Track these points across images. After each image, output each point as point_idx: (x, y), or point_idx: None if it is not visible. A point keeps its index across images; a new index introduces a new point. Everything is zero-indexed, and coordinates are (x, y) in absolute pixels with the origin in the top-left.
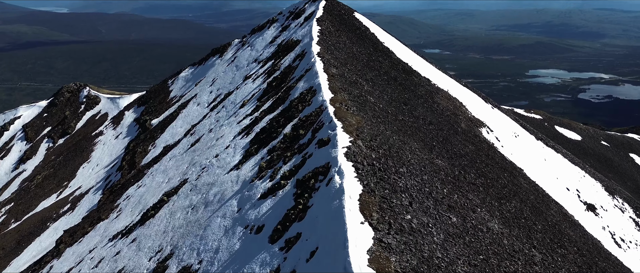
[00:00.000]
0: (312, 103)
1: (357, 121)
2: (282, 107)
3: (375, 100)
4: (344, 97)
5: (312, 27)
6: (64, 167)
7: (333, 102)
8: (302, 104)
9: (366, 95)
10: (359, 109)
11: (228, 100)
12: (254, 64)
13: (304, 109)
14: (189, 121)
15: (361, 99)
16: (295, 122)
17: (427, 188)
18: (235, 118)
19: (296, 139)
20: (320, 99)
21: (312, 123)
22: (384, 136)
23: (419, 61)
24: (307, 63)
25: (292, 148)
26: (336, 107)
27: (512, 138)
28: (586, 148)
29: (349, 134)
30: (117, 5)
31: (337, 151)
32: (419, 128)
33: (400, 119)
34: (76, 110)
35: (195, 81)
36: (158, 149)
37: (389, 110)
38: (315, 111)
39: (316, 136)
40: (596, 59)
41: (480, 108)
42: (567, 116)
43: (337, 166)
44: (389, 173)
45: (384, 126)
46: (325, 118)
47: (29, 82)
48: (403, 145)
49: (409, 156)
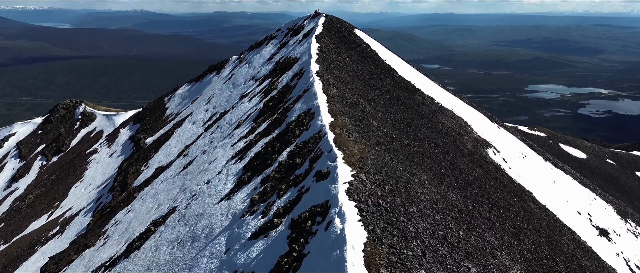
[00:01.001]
0: (311, 127)
1: (359, 150)
2: (278, 130)
3: (378, 123)
4: (345, 121)
5: (311, 44)
6: (56, 186)
7: (333, 127)
8: (299, 128)
9: (369, 118)
10: (361, 135)
11: (223, 120)
12: (251, 82)
13: (302, 134)
14: (183, 141)
15: (363, 123)
16: (292, 148)
17: (441, 231)
18: (229, 139)
19: (292, 169)
20: (319, 123)
21: (310, 151)
22: (390, 168)
23: (421, 79)
24: (306, 83)
25: (288, 179)
26: (336, 133)
27: (519, 158)
28: (592, 166)
29: (351, 167)
30: (119, 21)
31: (338, 188)
32: (425, 152)
33: (406, 144)
34: (71, 127)
35: (192, 98)
36: (150, 171)
37: (394, 134)
38: (313, 137)
39: (314, 166)
40: (595, 74)
41: (485, 127)
42: (567, 131)
43: (338, 206)
44: (398, 214)
45: (390, 154)
46: (325, 146)
47: (30, 97)
48: (411, 177)
49: (418, 191)
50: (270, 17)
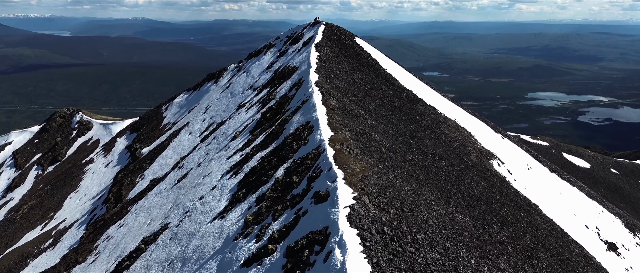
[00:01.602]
0: (309, 141)
1: (361, 168)
2: (275, 143)
3: (380, 137)
4: (346, 135)
5: (310, 53)
6: (51, 197)
7: (333, 142)
8: (297, 143)
9: (370, 131)
10: (362, 150)
11: (220, 131)
12: (249, 91)
13: (299, 149)
14: (180, 151)
15: (365, 137)
16: (289, 164)
17: (452, 262)
18: (225, 151)
19: (289, 188)
20: (317, 137)
21: (308, 168)
22: (395, 188)
23: (422, 88)
24: (304, 93)
25: (284, 198)
26: (336, 149)
27: (524, 170)
28: (596, 176)
29: (353, 188)
30: (120, 29)
31: (338, 212)
32: (429, 167)
33: (410, 160)
34: (67, 136)
35: (190, 107)
36: (145, 182)
37: (397, 149)
38: (312, 153)
39: (312, 186)
40: (594, 82)
41: (489, 137)
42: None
43: (338, 235)
44: (404, 242)
45: (393, 171)
46: (324, 164)
47: (30, 104)
48: (417, 198)
49: (425, 214)
50: (270, 25)
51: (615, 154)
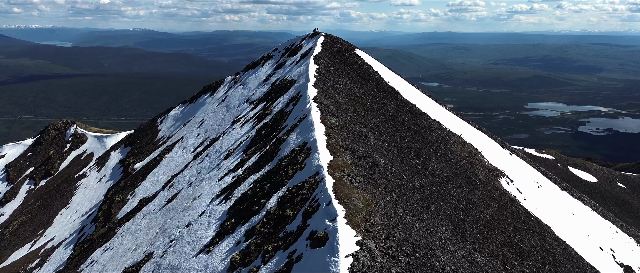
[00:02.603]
0: (306, 166)
1: (365, 202)
2: (269, 166)
3: (385, 161)
4: (347, 160)
5: (308, 65)
6: (41, 212)
7: (332, 168)
8: (292, 167)
9: (374, 154)
10: (366, 178)
11: (213, 147)
12: (245, 104)
13: (295, 175)
14: (172, 167)
15: (368, 162)
16: (283, 193)
17: None
18: (217, 171)
19: (282, 223)
20: (315, 162)
21: (304, 200)
22: (405, 227)
23: (426, 101)
24: (302, 109)
25: (276, 235)
26: (336, 177)
27: (534, 188)
28: (603, 190)
29: (356, 229)
30: (121, 40)
31: (339, 263)
32: (439, 192)
33: (418, 185)
34: (61, 149)
35: (185, 120)
36: (135, 201)
37: (404, 173)
38: (308, 181)
39: (308, 223)
40: (594, 92)
41: (496, 154)
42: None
43: None
44: None
45: (402, 204)
46: (322, 196)
47: (29, 115)
48: (430, 237)
49: (442, 260)
50: (270, 35)
51: (618, 166)
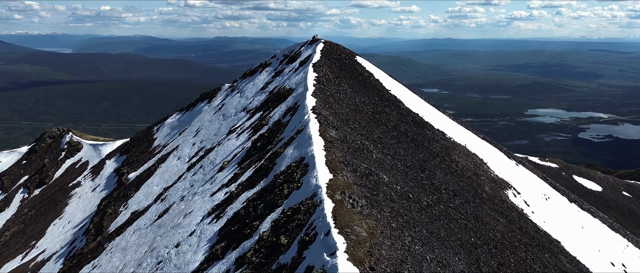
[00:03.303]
0: (303, 185)
1: (369, 231)
2: (264, 182)
3: (389, 178)
4: (348, 179)
5: (307, 73)
6: (34, 223)
7: (332, 189)
8: (288, 185)
9: (377, 171)
10: (370, 201)
11: (208, 159)
12: (242, 113)
13: (291, 195)
14: (166, 178)
15: (372, 181)
16: (277, 215)
17: None
18: (210, 185)
19: (275, 251)
20: (313, 181)
21: (300, 226)
22: (415, 260)
23: (428, 110)
24: (300, 120)
25: (268, 268)
26: (336, 200)
27: (542, 200)
28: (608, 200)
29: (359, 267)
30: (121, 46)
31: None
32: (446, 210)
33: (425, 205)
34: (56, 157)
35: (181, 128)
36: (127, 214)
37: (410, 192)
38: (305, 203)
39: (304, 256)
40: (594, 98)
41: (502, 164)
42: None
43: None
44: None
45: (410, 230)
46: (320, 223)
47: (29, 121)
48: (443, 271)
49: None
50: (270, 42)
51: (620, 173)
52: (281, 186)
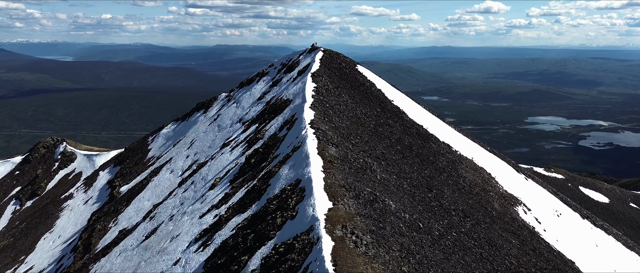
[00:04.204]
0: (298, 214)
1: None
2: (256, 207)
3: (397, 204)
4: (350, 208)
5: (305, 84)
6: (24, 236)
7: (332, 223)
8: (282, 214)
9: (383, 197)
10: (376, 237)
11: (199, 174)
12: (238, 124)
13: (285, 225)
14: (158, 193)
15: (377, 209)
16: (268, 251)
17: None
18: (200, 204)
19: None
20: (310, 211)
21: (294, 269)
22: None
23: (432, 121)
24: (297, 135)
25: None
26: (337, 237)
27: (553, 217)
28: (616, 212)
29: None
30: (122, 54)
31: None
32: (459, 238)
33: (438, 236)
34: (49, 168)
35: (176, 139)
36: (116, 231)
37: (419, 220)
38: (300, 239)
39: None
40: (594, 106)
41: (510, 178)
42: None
43: None
44: None
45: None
46: (318, 268)
47: (29, 129)
48: None
49: None
50: (270, 50)
51: (622, 181)
52: (274, 214)
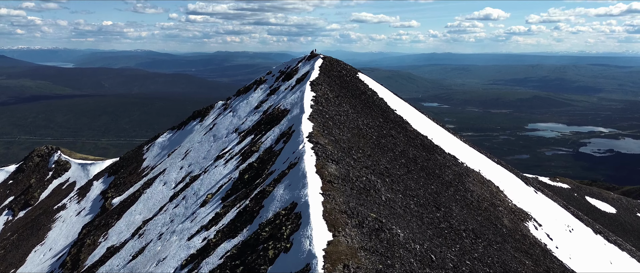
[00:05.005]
0: (293, 246)
1: None
2: (247, 232)
3: (405, 232)
4: (352, 241)
5: (304, 93)
6: (16, 249)
7: (331, 262)
8: (275, 244)
9: (390, 224)
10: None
11: (191, 188)
12: (233, 134)
13: (277, 259)
14: (150, 206)
15: (384, 240)
16: None
17: None
18: (190, 223)
19: None
20: (306, 245)
21: None
22: None
23: (437, 130)
24: (294, 150)
25: None
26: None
27: (565, 233)
28: (624, 222)
29: None
30: (122, 61)
31: None
32: (474, 267)
33: (451, 266)
34: (43, 177)
35: (171, 148)
36: (105, 246)
37: (431, 251)
38: None
39: None
40: (594, 113)
41: (519, 192)
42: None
43: None
44: None
45: None
46: None
47: (28, 136)
48: None
49: None
50: (271, 56)
51: (624, 189)
52: (266, 244)
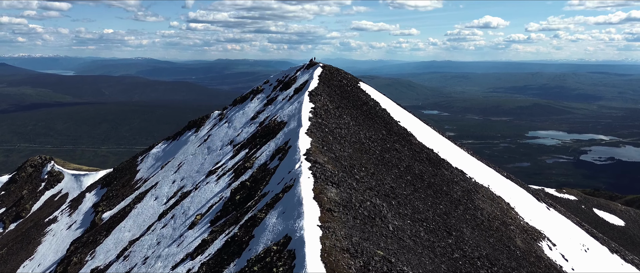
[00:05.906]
0: None
1: None
2: (234, 268)
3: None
4: None
5: (302, 104)
6: (4, 263)
7: None
8: None
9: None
10: None
11: (181, 207)
12: (228, 147)
13: None
14: (139, 223)
15: None
16: None
17: None
18: (176, 247)
19: None
20: None
21: None
22: None
23: (442, 143)
24: (289, 169)
25: None
26: None
27: (581, 253)
28: (633, 235)
29: None
30: (123, 68)
31: None
32: None
33: None
34: (35, 188)
35: (165, 160)
36: (91, 266)
37: None
38: None
39: None
40: (594, 120)
41: (530, 208)
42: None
43: None
44: None
45: None
46: None
47: (28, 143)
48: None
49: None
50: (271, 64)
51: (628, 198)
52: None
